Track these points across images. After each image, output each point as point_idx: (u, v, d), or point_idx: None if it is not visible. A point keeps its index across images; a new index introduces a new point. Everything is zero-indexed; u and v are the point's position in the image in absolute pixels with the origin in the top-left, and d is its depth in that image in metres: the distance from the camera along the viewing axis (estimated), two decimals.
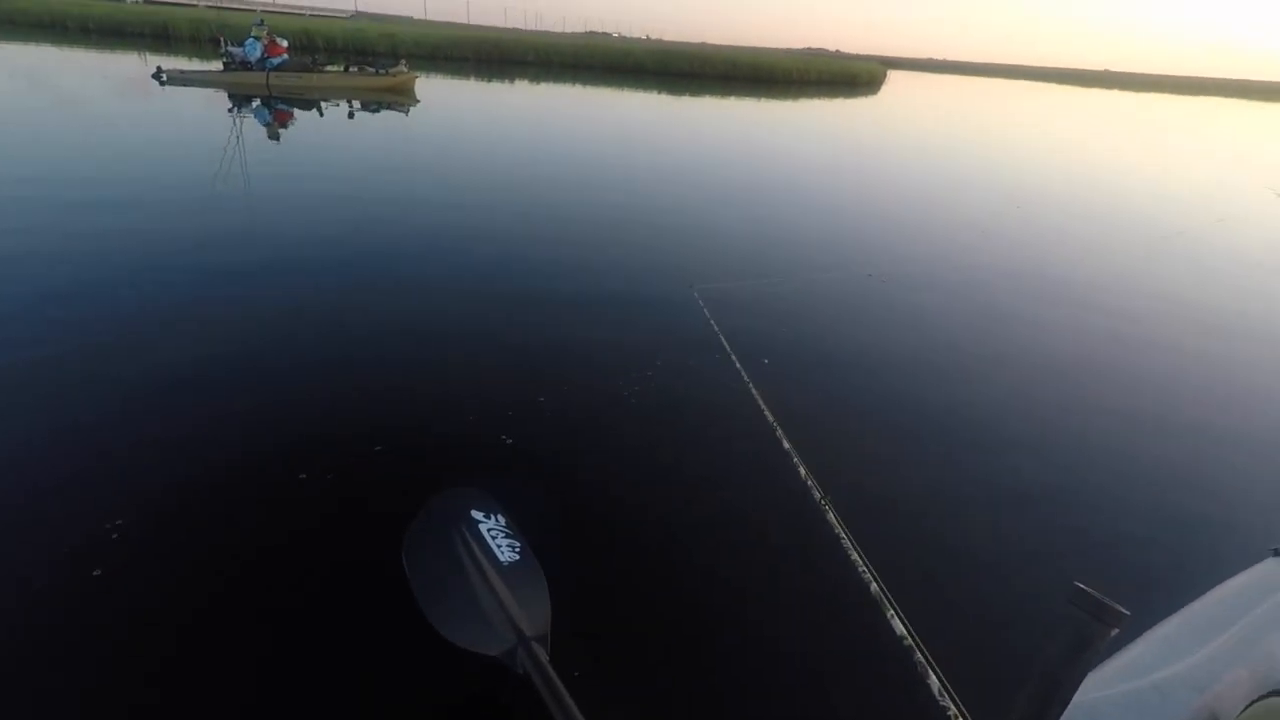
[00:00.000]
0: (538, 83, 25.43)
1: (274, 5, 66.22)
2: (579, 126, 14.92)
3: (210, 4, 40.50)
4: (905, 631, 1.83)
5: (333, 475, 2.74)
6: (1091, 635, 1.34)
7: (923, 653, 1.74)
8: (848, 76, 40.73)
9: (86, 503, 2.51)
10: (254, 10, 35.34)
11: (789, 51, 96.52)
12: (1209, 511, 3.23)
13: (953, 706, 1.73)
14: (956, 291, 5.87)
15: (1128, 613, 1.35)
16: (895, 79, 58.05)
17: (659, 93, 25.21)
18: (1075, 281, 6.53)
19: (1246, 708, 1.27)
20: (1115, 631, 1.33)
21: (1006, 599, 2.53)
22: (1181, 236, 8.94)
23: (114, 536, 2.35)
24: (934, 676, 1.71)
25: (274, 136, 10.57)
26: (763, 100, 25.87)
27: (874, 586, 1.99)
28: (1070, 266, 7.03)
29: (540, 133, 13.39)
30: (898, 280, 5.95)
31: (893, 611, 1.91)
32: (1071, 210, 10.18)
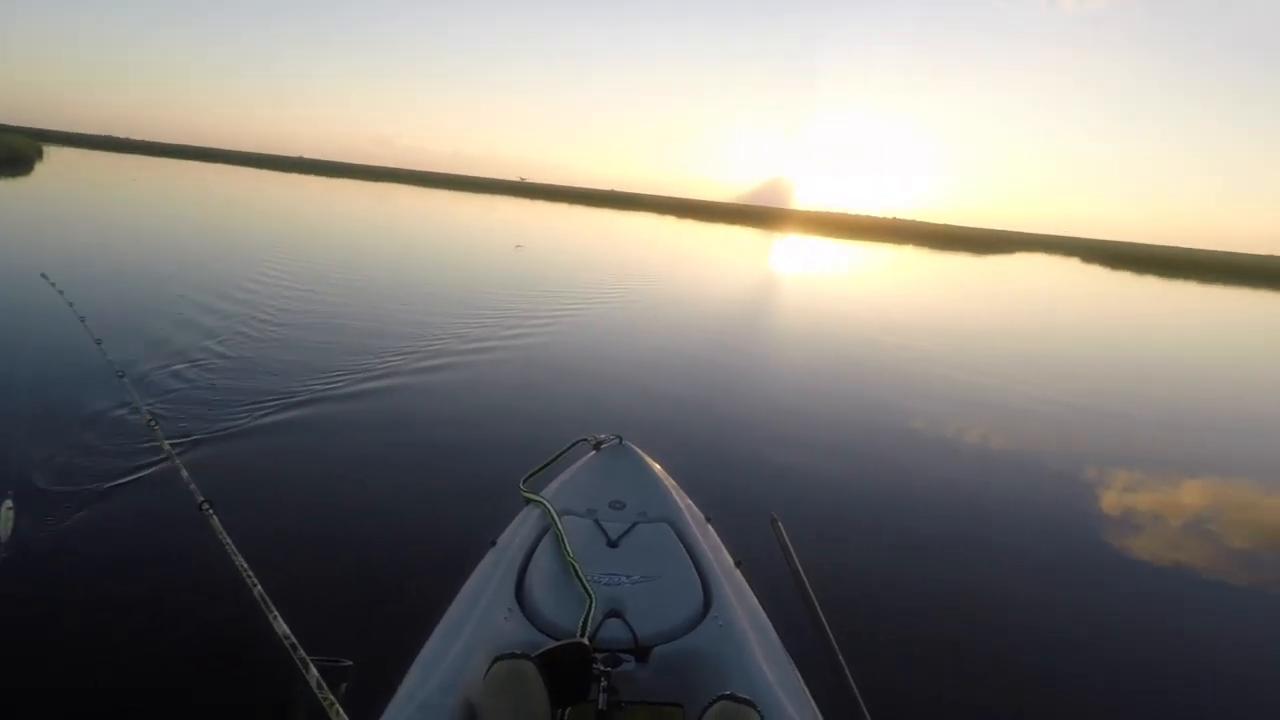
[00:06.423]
0: None
1: None
2: None
3: None
4: None
5: None
6: (327, 692, 1.46)
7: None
8: None
9: None
10: None
11: None
12: (432, 532, 3.66)
13: None
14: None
15: (350, 662, 1.57)
16: (56, 155, 47.42)
17: None
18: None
19: (485, 678, 1.45)
20: (345, 684, 1.53)
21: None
22: None
23: None
24: None
25: None
26: None
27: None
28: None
29: None
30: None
31: None
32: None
